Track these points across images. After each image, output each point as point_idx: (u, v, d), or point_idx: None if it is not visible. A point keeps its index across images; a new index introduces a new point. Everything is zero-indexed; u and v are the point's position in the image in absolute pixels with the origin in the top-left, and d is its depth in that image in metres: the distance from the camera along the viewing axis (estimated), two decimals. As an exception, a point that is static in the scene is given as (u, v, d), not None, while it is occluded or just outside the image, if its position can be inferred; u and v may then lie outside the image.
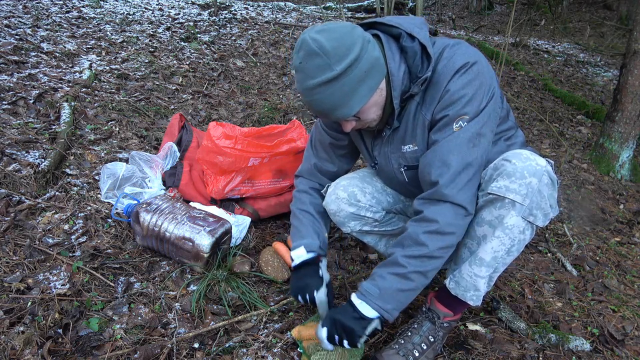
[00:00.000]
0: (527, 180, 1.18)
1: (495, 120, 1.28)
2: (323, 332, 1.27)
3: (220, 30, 4.82)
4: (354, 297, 1.27)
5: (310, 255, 1.46)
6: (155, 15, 4.82)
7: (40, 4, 4.10)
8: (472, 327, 1.62)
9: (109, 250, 1.72)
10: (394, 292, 1.22)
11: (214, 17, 5.17)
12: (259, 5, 6.68)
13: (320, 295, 1.40)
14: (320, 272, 1.45)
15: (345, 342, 1.24)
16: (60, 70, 2.95)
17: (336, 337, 1.25)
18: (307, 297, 1.40)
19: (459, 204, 1.20)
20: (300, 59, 1.11)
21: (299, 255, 1.47)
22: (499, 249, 1.25)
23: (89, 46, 3.50)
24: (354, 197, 1.56)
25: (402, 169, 1.41)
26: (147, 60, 3.55)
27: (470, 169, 1.20)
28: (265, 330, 1.52)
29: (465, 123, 1.19)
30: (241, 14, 5.70)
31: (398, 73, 1.21)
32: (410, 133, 1.32)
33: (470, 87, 1.19)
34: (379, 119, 1.29)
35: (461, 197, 1.19)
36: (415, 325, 1.46)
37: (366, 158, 1.56)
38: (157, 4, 5.32)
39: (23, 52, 2.98)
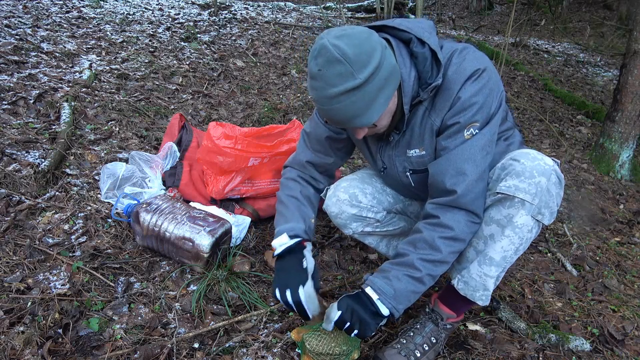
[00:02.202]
0: (536, 179, 1.18)
1: (499, 123, 1.29)
2: (336, 315, 1.23)
3: (220, 30, 4.82)
4: (370, 292, 1.24)
5: (294, 241, 1.34)
6: (155, 15, 4.82)
7: (40, 4, 4.10)
8: (472, 327, 1.62)
9: (109, 250, 1.72)
10: (407, 293, 1.23)
11: (214, 17, 5.17)
12: (259, 5, 6.68)
13: (308, 289, 1.28)
14: (305, 263, 1.32)
15: (355, 332, 1.23)
16: (60, 70, 2.95)
17: (347, 324, 1.23)
18: (290, 296, 1.25)
19: (474, 211, 1.23)
20: (319, 66, 1.05)
21: (281, 242, 1.34)
22: (509, 248, 1.25)
23: (89, 46, 3.50)
24: (355, 198, 1.56)
25: (408, 173, 1.40)
26: (147, 60, 3.55)
27: (485, 177, 1.24)
28: (265, 330, 1.52)
29: (477, 131, 1.20)
30: (241, 14, 5.70)
31: (409, 79, 1.20)
32: (417, 138, 1.31)
33: (481, 95, 1.19)
34: (388, 125, 1.28)
35: (476, 204, 1.23)
36: (418, 326, 1.46)
37: (371, 162, 1.54)
38: (157, 4, 5.32)
39: (23, 52, 2.98)
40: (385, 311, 1.23)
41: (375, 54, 1.07)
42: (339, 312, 1.23)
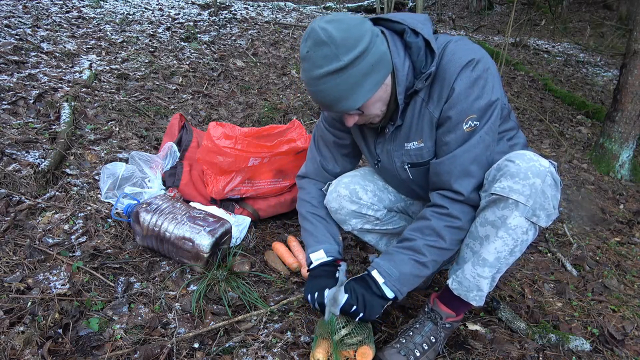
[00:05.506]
0: (530, 180, 1.18)
1: (499, 117, 1.29)
2: (343, 298, 1.30)
3: (220, 30, 4.82)
4: (376, 274, 1.31)
5: (330, 258, 1.48)
6: (155, 15, 4.82)
7: (40, 4, 4.09)
8: (472, 327, 1.62)
9: (109, 250, 1.72)
10: (411, 277, 1.30)
11: (214, 17, 5.17)
12: (259, 5, 6.68)
13: (332, 292, 1.37)
14: (337, 274, 1.43)
15: (360, 316, 1.29)
16: (60, 70, 2.95)
17: (354, 307, 1.28)
18: (317, 298, 1.36)
19: (474, 204, 1.30)
20: (307, 48, 1.10)
21: (318, 257, 1.48)
22: (502, 249, 1.25)
23: (89, 46, 3.50)
24: (355, 194, 1.56)
25: (406, 166, 1.41)
26: (147, 60, 3.55)
27: (483, 172, 1.29)
28: (265, 330, 1.52)
29: (476, 122, 1.21)
30: (241, 14, 5.69)
31: (403, 68, 1.21)
32: (415, 129, 1.32)
33: (477, 86, 1.19)
34: (383, 115, 1.29)
35: (475, 196, 1.29)
36: (417, 325, 1.46)
37: (367, 157, 1.56)
38: (157, 4, 5.32)
39: (23, 52, 2.98)
40: (390, 294, 1.29)
41: (363, 39, 1.09)
42: (346, 295, 1.29)
